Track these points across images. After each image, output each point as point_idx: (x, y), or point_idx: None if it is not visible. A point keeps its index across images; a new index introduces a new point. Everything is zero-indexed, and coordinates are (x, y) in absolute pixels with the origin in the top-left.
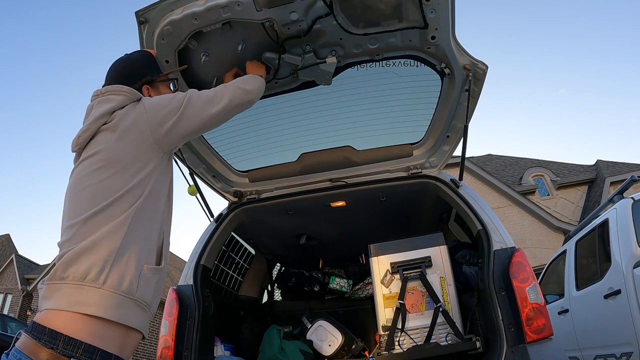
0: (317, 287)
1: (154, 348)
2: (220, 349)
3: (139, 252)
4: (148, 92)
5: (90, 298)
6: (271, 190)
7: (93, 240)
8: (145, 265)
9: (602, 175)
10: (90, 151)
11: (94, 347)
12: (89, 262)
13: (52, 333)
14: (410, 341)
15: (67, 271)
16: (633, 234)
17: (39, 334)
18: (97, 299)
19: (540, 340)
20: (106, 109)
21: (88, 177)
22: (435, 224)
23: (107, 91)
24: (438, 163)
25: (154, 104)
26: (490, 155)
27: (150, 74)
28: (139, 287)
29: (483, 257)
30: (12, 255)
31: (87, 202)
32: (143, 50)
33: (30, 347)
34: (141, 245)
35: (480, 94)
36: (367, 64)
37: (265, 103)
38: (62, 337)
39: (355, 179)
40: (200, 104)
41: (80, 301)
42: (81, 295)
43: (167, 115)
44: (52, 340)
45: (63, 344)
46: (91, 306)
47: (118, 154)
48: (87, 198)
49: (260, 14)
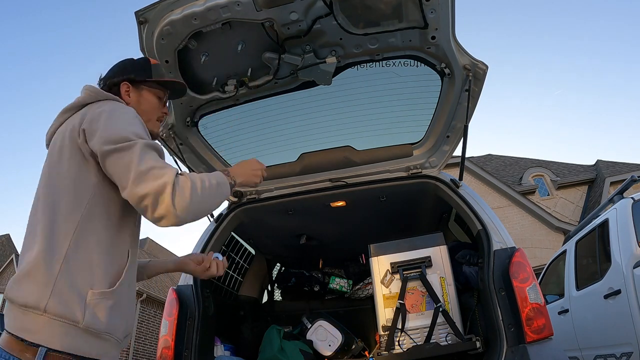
0: (317, 287)
1: (154, 348)
2: (220, 349)
3: (83, 275)
4: (127, 89)
5: (34, 325)
6: (271, 190)
7: (34, 261)
8: (90, 290)
9: (602, 175)
10: (50, 150)
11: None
12: (30, 286)
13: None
14: (410, 341)
15: (13, 291)
16: (633, 234)
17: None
18: (40, 327)
19: (540, 340)
20: (67, 106)
21: (39, 183)
22: (435, 224)
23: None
24: (438, 163)
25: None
26: (490, 155)
27: (135, 74)
28: (86, 315)
29: (483, 257)
30: (12, 255)
31: (33, 213)
32: (147, 57)
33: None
34: (85, 267)
35: (480, 94)
36: (367, 64)
37: (265, 103)
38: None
39: (355, 179)
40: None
41: (27, 328)
42: (26, 321)
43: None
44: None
45: None
46: (36, 334)
47: (58, 158)
48: (35, 209)
49: (260, 14)
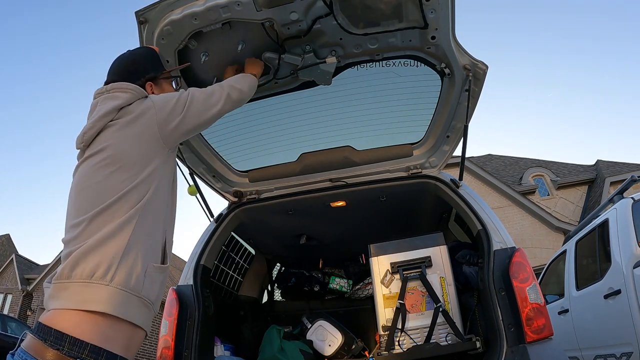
0: (317, 287)
1: (154, 348)
2: (220, 349)
3: (145, 250)
4: (151, 89)
5: (97, 295)
6: (271, 190)
7: (99, 238)
8: (151, 263)
9: (602, 175)
10: (95, 148)
11: (100, 347)
12: (95, 261)
13: (58, 334)
14: (410, 341)
15: (75, 270)
16: (633, 234)
17: (44, 335)
18: (104, 296)
19: (540, 340)
20: (113, 106)
21: (94, 175)
22: (435, 224)
23: (113, 88)
24: (438, 163)
25: (161, 101)
26: (490, 155)
27: (154, 71)
28: (145, 285)
29: (483, 257)
30: (12, 255)
31: (93, 199)
32: (147, 46)
33: (36, 348)
34: (147, 243)
35: (480, 94)
36: (367, 64)
37: (265, 103)
38: (69, 338)
39: (355, 179)
40: (201, 103)
41: (88, 299)
42: (89, 292)
43: (174, 113)
44: (58, 341)
45: (69, 345)
46: (99, 303)
47: (124, 151)
48: (92, 196)
49: (260, 14)
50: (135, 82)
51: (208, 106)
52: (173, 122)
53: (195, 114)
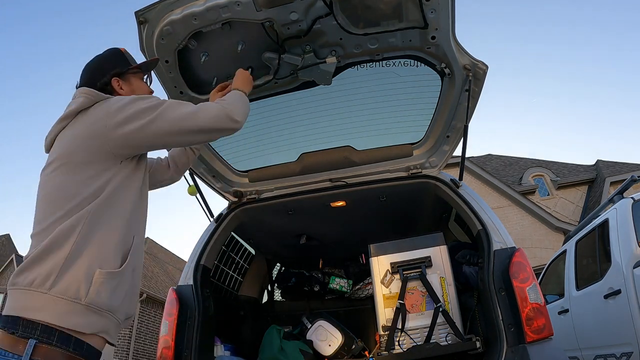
0: (317, 287)
1: (154, 348)
2: (220, 349)
3: (92, 257)
4: (119, 84)
5: (37, 303)
6: (271, 190)
7: (43, 248)
8: (97, 269)
9: (602, 175)
10: (51, 155)
11: (52, 327)
12: (38, 269)
13: (12, 318)
14: (410, 341)
15: (18, 278)
16: (633, 234)
17: (3, 323)
18: (42, 304)
19: (540, 340)
20: (68, 111)
21: (47, 182)
22: (435, 224)
23: (79, 93)
24: (438, 163)
25: (117, 105)
26: (490, 155)
27: (119, 67)
28: (90, 292)
29: (483, 257)
30: (12, 255)
31: (44, 208)
32: (112, 47)
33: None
34: (94, 251)
35: (481, 94)
36: (367, 64)
37: (265, 103)
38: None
39: (355, 179)
40: (175, 117)
41: (28, 306)
42: (27, 299)
43: (130, 118)
44: (11, 324)
45: (22, 327)
46: (38, 311)
47: (73, 157)
48: (45, 204)
49: (260, 14)
50: (101, 80)
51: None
52: (125, 128)
53: (160, 128)
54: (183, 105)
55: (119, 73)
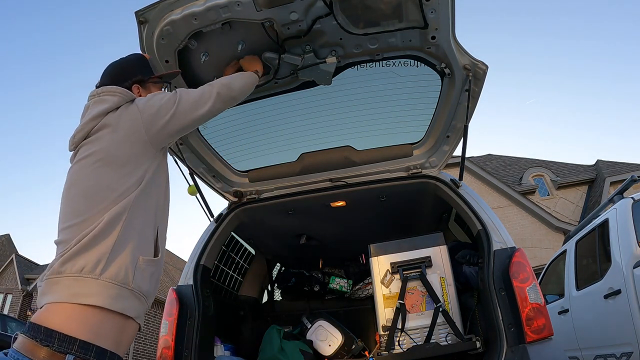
0: (317, 287)
1: (154, 348)
2: (220, 349)
3: (134, 245)
4: (138, 92)
5: (88, 289)
6: (271, 190)
7: (89, 236)
8: (140, 256)
9: (602, 175)
10: (85, 151)
11: (89, 343)
12: (86, 257)
13: (48, 331)
14: (410, 341)
15: (65, 265)
16: (633, 234)
17: (35, 333)
18: (95, 289)
19: (540, 340)
20: (100, 109)
21: (84, 176)
22: (435, 224)
23: (102, 92)
24: (438, 163)
25: (147, 104)
26: (490, 155)
27: (142, 74)
28: (135, 277)
29: (483, 257)
30: (12, 255)
31: (84, 200)
32: (138, 53)
33: (27, 346)
34: (136, 239)
35: (481, 94)
36: (367, 64)
37: (265, 103)
38: (57, 334)
39: (355, 179)
40: (189, 103)
41: (79, 292)
42: (79, 286)
43: (159, 114)
44: (48, 338)
45: (58, 341)
46: (90, 296)
47: (112, 153)
48: (83, 197)
49: (260, 14)
50: (122, 85)
51: (196, 106)
52: (159, 123)
53: (182, 114)
54: (191, 94)
55: (140, 80)
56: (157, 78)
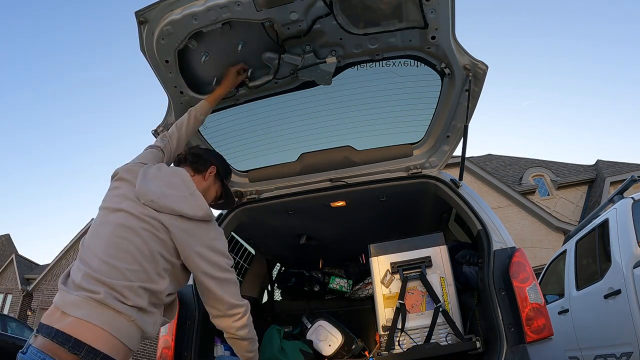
0: (317, 287)
1: (154, 348)
2: (220, 349)
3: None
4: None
5: (124, 329)
6: (271, 190)
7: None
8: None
9: (602, 175)
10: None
11: (110, 357)
12: (134, 300)
13: (78, 342)
14: (410, 341)
15: (112, 298)
16: (633, 234)
17: (63, 340)
18: (127, 331)
19: (540, 340)
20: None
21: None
22: (435, 224)
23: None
24: (438, 163)
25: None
26: (490, 155)
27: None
28: (152, 330)
29: (483, 257)
30: (12, 255)
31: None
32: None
33: (53, 349)
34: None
35: (481, 94)
36: (367, 64)
37: (265, 103)
38: (86, 346)
39: (355, 179)
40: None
41: (116, 326)
42: (118, 322)
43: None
44: (76, 347)
45: (86, 352)
46: (123, 335)
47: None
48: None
49: (260, 14)
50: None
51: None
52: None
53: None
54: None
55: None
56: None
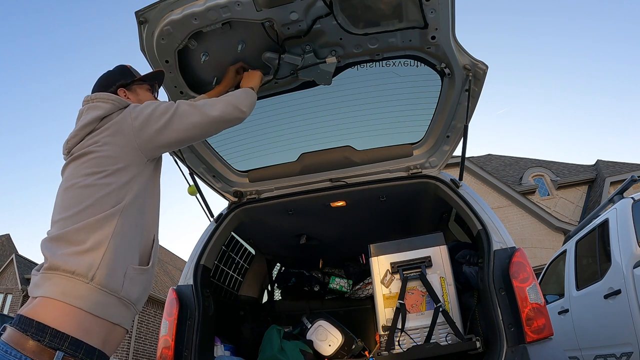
0: (317, 287)
1: (154, 348)
2: (220, 349)
3: (125, 252)
4: (124, 94)
5: (77, 291)
6: (271, 190)
7: (85, 238)
8: (130, 265)
9: (602, 175)
10: (78, 157)
11: (80, 340)
12: (79, 260)
13: (40, 326)
14: (410, 341)
15: (59, 261)
16: (633, 234)
17: (25, 326)
18: (84, 293)
19: (540, 340)
20: (94, 116)
21: (77, 180)
22: (435, 224)
23: (96, 98)
24: (438, 163)
25: (138, 110)
26: (490, 155)
27: (124, 79)
28: (124, 286)
29: (483, 257)
30: (12, 255)
31: (77, 201)
32: (119, 64)
33: (16, 339)
34: (126, 246)
35: (480, 94)
36: (367, 64)
37: (265, 103)
38: (50, 329)
39: (355, 179)
40: (187, 116)
41: (68, 292)
42: (69, 286)
43: (150, 122)
44: (39, 332)
45: (50, 337)
46: (78, 299)
47: (104, 158)
48: (76, 197)
49: (260, 14)
50: (108, 90)
51: (194, 120)
52: (149, 131)
53: (177, 126)
54: (191, 106)
55: (124, 84)
56: (140, 80)
